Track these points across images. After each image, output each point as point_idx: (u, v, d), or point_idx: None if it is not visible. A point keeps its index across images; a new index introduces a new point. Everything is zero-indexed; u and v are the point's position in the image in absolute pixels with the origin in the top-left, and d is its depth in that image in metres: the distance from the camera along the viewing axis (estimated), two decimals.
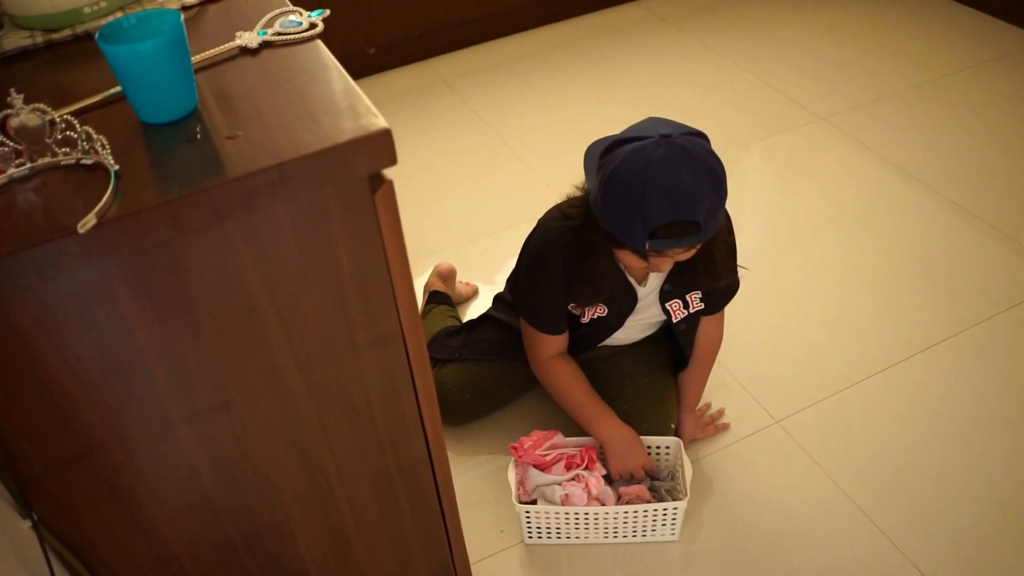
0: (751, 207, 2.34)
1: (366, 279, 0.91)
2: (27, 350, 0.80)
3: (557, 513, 1.52)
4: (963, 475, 1.64)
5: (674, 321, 1.60)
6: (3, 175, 0.81)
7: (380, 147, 0.82)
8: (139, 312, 0.82)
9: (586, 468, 1.56)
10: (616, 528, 1.55)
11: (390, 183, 0.86)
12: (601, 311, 1.58)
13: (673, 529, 1.55)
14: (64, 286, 0.78)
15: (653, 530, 1.55)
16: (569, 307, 1.58)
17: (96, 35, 0.83)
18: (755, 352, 1.91)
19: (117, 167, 0.79)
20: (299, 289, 0.88)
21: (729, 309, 1.69)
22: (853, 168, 2.43)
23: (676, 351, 1.71)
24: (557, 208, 1.54)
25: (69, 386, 0.84)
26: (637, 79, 2.85)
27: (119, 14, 1.07)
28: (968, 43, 2.93)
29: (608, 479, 1.60)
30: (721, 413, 1.77)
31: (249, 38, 0.98)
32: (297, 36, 0.99)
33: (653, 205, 1.30)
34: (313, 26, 1.00)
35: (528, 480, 1.57)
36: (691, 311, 1.59)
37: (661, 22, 3.19)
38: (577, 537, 1.57)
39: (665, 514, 1.52)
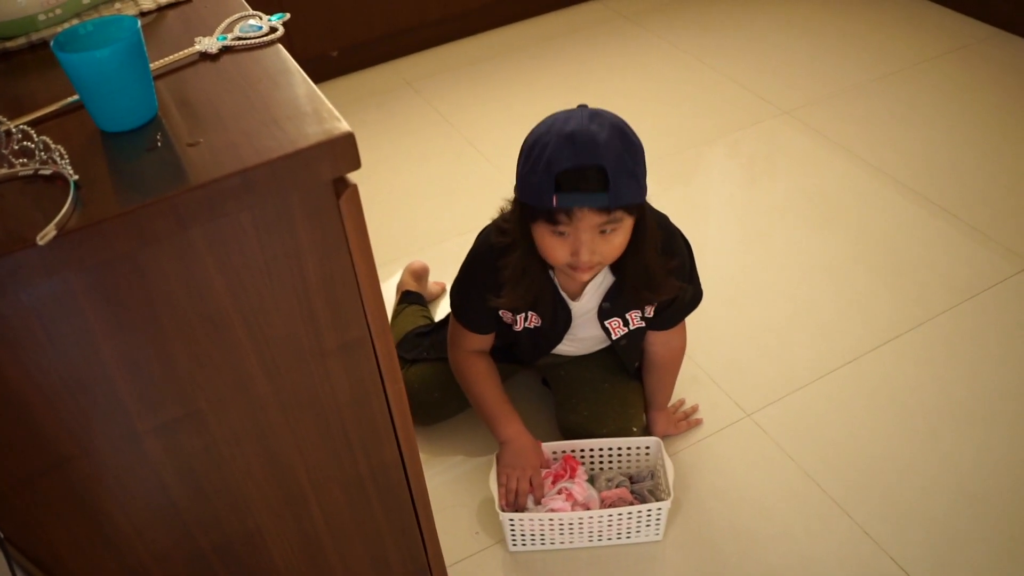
0: (717, 202, 2.35)
1: (332, 284, 0.90)
2: None
3: (541, 520, 1.52)
4: (932, 464, 1.65)
5: (613, 338, 1.60)
6: None
7: (343, 151, 0.81)
8: (103, 324, 0.81)
9: (569, 478, 1.56)
10: (600, 531, 1.55)
11: (354, 187, 0.85)
12: (535, 321, 1.57)
13: (657, 530, 1.55)
14: (25, 299, 0.76)
15: (637, 531, 1.55)
16: (500, 313, 1.57)
17: (52, 43, 0.82)
18: (724, 346, 1.92)
19: (76, 177, 0.78)
20: (265, 296, 0.87)
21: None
22: (818, 161, 2.45)
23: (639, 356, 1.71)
24: (494, 222, 1.53)
25: (33, 400, 0.83)
26: (601, 77, 2.86)
27: (75, 21, 1.05)
28: (926, 36, 2.96)
29: (591, 480, 1.60)
30: (695, 409, 1.77)
31: (209, 43, 0.97)
32: (257, 41, 0.98)
33: (556, 150, 1.28)
34: (273, 30, 0.99)
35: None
36: (631, 328, 1.59)
37: (624, 20, 3.20)
38: (562, 543, 1.56)
39: (649, 515, 1.53)
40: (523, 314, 1.56)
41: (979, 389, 1.78)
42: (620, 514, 1.51)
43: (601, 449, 1.62)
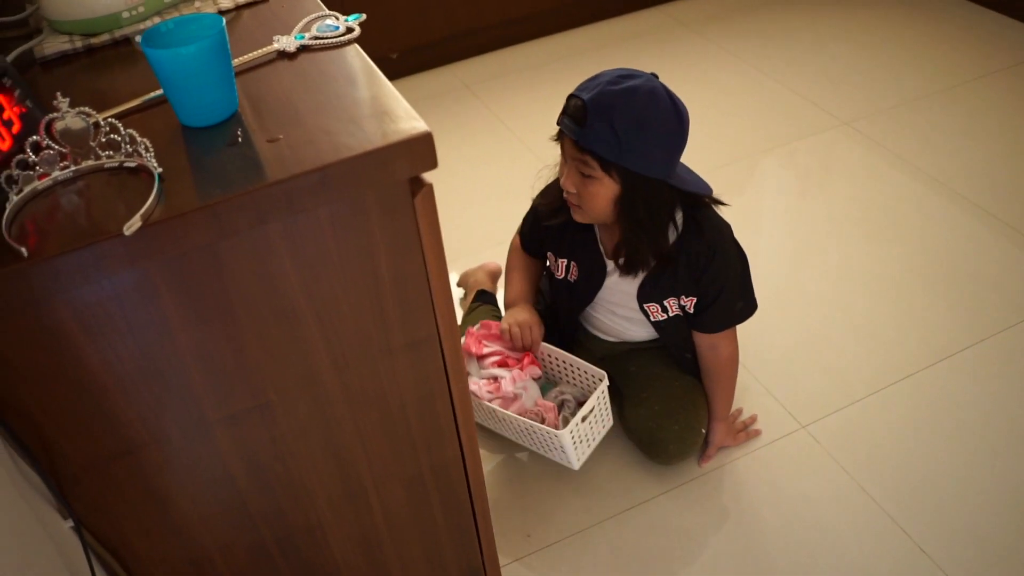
0: (774, 212, 2.33)
1: (404, 282, 0.91)
2: (70, 350, 0.80)
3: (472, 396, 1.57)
4: (990, 482, 1.62)
5: (652, 320, 1.63)
6: (48, 178, 0.82)
7: (421, 151, 0.82)
8: (180, 314, 0.83)
9: (519, 369, 1.61)
10: (519, 434, 1.60)
11: (430, 186, 0.86)
12: (575, 275, 1.64)
13: (564, 457, 1.57)
14: (108, 287, 0.78)
15: (549, 451, 1.59)
16: (547, 255, 1.70)
17: (139, 39, 0.84)
18: (779, 357, 1.91)
19: (160, 170, 0.80)
20: (337, 291, 0.89)
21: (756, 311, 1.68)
22: (876, 173, 2.42)
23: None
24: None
25: (109, 386, 0.85)
26: None
27: (156, 19, 1.08)
28: (992, 48, 2.91)
29: (549, 387, 1.66)
30: (753, 419, 1.76)
31: (287, 42, 0.99)
32: (334, 40, 0.99)
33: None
34: (350, 30, 1.01)
35: (468, 364, 1.64)
36: (670, 315, 1.61)
37: (682, 27, 3.19)
38: (492, 426, 1.65)
39: (550, 438, 1.54)
40: (564, 260, 1.64)
41: None
42: (523, 423, 1.55)
43: (565, 362, 1.66)
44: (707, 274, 1.54)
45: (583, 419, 1.55)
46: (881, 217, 2.27)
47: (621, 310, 1.66)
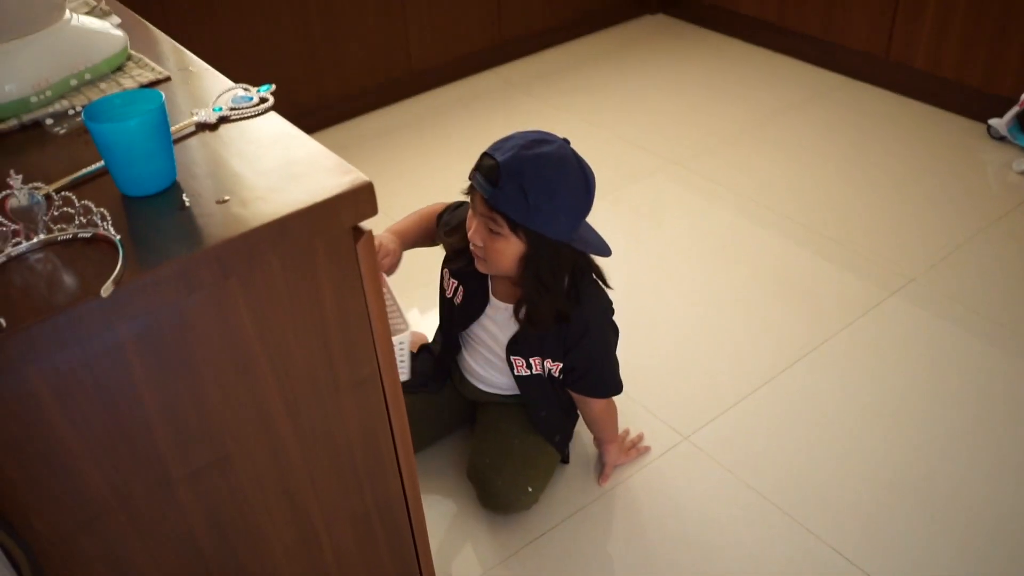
0: (624, 248, 2.51)
1: (348, 323, 0.98)
2: (41, 419, 0.82)
3: None
4: (853, 460, 1.81)
5: (515, 374, 1.70)
6: (1, 254, 0.84)
7: (365, 199, 0.90)
8: (147, 373, 0.86)
9: None
10: None
11: (370, 233, 0.94)
12: (460, 298, 1.69)
13: None
14: (79, 352, 0.81)
15: None
16: (442, 271, 1.74)
17: (82, 115, 0.88)
18: (653, 377, 2.05)
19: (119, 237, 0.84)
20: (289, 337, 0.94)
21: (623, 339, 1.81)
22: (709, 204, 2.65)
23: (564, 413, 1.80)
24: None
25: (77, 451, 0.86)
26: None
27: (64, 102, 1.11)
28: (785, 86, 3.26)
29: None
30: (641, 437, 1.88)
31: (206, 114, 1.04)
32: (254, 110, 1.06)
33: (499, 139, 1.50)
34: (264, 100, 1.08)
35: None
36: (533, 372, 1.69)
37: (514, 88, 3.38)
38: None
39: None
40: (455, 282, 1.70)
41: (882, 392, 1.97)
42: None
43: (391, 302, 1.60)
44: (576, 349, 1.62)
45: None
46: (720, 242, 2.48)
47: (491, 356, 1.73)
